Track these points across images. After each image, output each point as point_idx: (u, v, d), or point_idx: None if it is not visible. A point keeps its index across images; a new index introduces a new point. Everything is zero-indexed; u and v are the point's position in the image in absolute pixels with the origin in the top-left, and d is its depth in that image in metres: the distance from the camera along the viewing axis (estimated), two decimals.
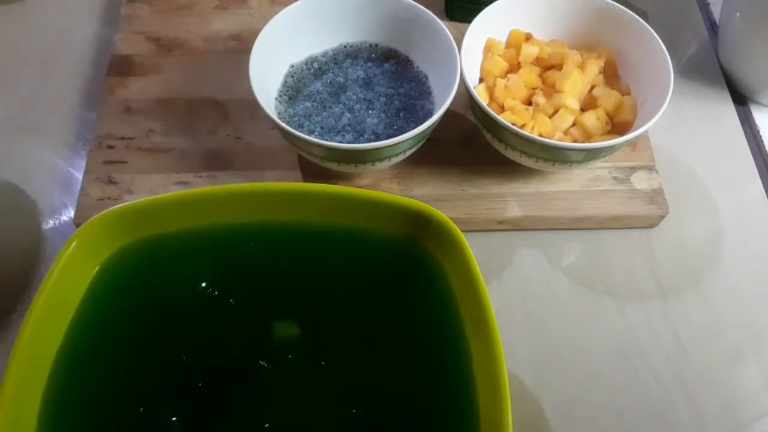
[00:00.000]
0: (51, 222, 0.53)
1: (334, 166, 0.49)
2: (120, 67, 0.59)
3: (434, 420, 0.39)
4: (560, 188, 0.53)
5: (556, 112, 0.51)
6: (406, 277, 0.44)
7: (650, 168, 0.54)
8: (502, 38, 0.55)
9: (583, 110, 0.52)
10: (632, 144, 0.55)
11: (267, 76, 0.50)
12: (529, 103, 0.52)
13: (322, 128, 0.50)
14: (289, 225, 0.44)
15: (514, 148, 0.49)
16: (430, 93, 0.53)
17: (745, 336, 0.49)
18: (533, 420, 0.45)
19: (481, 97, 0.50)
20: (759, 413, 0.46)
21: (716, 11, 0.68)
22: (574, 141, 0.51)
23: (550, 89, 0.52)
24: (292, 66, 0.54)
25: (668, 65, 0.49)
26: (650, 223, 0.53)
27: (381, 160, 0.48)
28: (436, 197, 0.52)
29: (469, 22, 0.52)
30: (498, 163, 0.53)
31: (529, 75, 0.53)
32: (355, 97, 0.52)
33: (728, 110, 0.61)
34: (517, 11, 0.54)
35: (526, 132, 0.47)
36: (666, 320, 0.49)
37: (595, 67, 0.53)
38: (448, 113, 0.47)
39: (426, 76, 0.54)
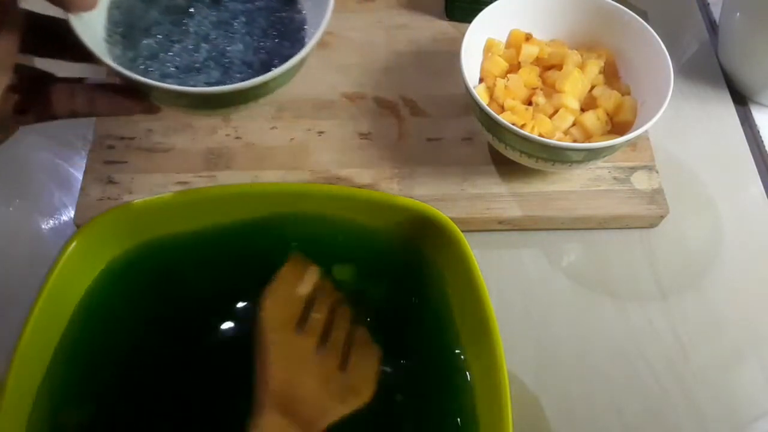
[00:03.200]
0: (51, 222, 0.53)
1: (208, 114, 0.42)
2: None
3: (435, 420, 0.39)
4: (560, 188, 0.53)
5: (556, 112, 0.51)
6: (406, 276, 0.44)
7: (650, 168, 0.54)
8: (502, 38, 0.55)
9: (583, 110, 0.52)
10: (632, 144, 0.55)
11: (85, 14, 0.38)
12: (529, 103, 0.52)
13: (177, 68, 0.40)
14: (289, 225, 0.44)
15: (514, 148, 0.49)
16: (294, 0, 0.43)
17: (745, 336, 0.49)
18: (533, 420, 0.45)
19: (481, 97, 0.50)
20: (759, 413, 0.46)
21: (716, 11, 0.68)
22: (574, 141, 0.51)
23: (550, 89, 0.52)
24: None
25: (668, 65, 0.49)
26: (650, 223, 0.53)
27: (265, 94, 0.39)
28: (436, 197, 0.52)
29: (469, 22, 0.52)
30: (498, 163, 0.53)
31: (529, 75, 0.53)
32: (207, 22, 0.41)
33: (728, 110, 0.61)
34: (517, 11, 0.54)
35: (526, 132, 0.47)
36: (666, 320, 0.49)
37: (595, 67, 0.53)
38: (448, 113, 0.47)
39: None
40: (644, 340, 0.49)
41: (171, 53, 0.40)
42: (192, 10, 0.41)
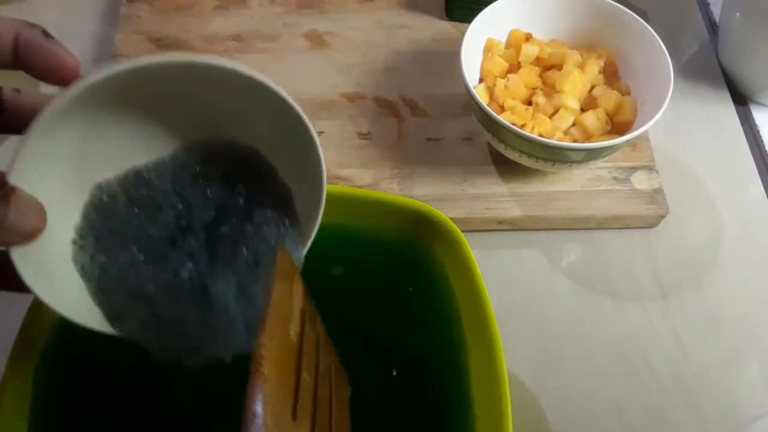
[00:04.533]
0: None
1: None
2: None
3: (434, 420, 0.39)
4: (560, 188, 0.53)
5: (556, 112, 0.51)
6: (405, 277, 0.44)
7: (650, 168, 0.54)
8: (502, 38, 0.55)
9: (583, 110, 0.52)
10: (632, 144, 0.55)
11: (52, 201, 0.28)
12: (529, 103, 0.52)
13: (155, 283, 0.32)
14: None
15: (514, 148, 0.49)
16: (295, 222, 0.34)
17: (745, 336, 0.49)
18: (533, 420, 0.45)
19: (481, 97, 0.50)
20: (759, 413, 0.46)
21: (716, 11, 0.68)
22: (574, 141, 0.51)
23: (550, 89, 0.52)
24: (101, 187, 0.31)
25: (668, 65, 0.49)
26: (650, 223, 0.53)
27: None
28: (436, 197, 0.52)
29: (469, 22, 0.52)
30: (498, 163, 0.53)
31: (529, 75, 0.53)
32: (194, 243, 0.32)
33: (728, 110, 0.61)
34: (517, 11, 0.54)
35: (526, 132, 0.47)
36: (666, 320, 0.50)
37: (595, 67, 0.53)
38: (448, 113, 0.47)
39: (290, 191, 0.34)
40: (644, 340, 0.49)
41: (148, 277, 0.32)
42: (189, 228, 0.32)
